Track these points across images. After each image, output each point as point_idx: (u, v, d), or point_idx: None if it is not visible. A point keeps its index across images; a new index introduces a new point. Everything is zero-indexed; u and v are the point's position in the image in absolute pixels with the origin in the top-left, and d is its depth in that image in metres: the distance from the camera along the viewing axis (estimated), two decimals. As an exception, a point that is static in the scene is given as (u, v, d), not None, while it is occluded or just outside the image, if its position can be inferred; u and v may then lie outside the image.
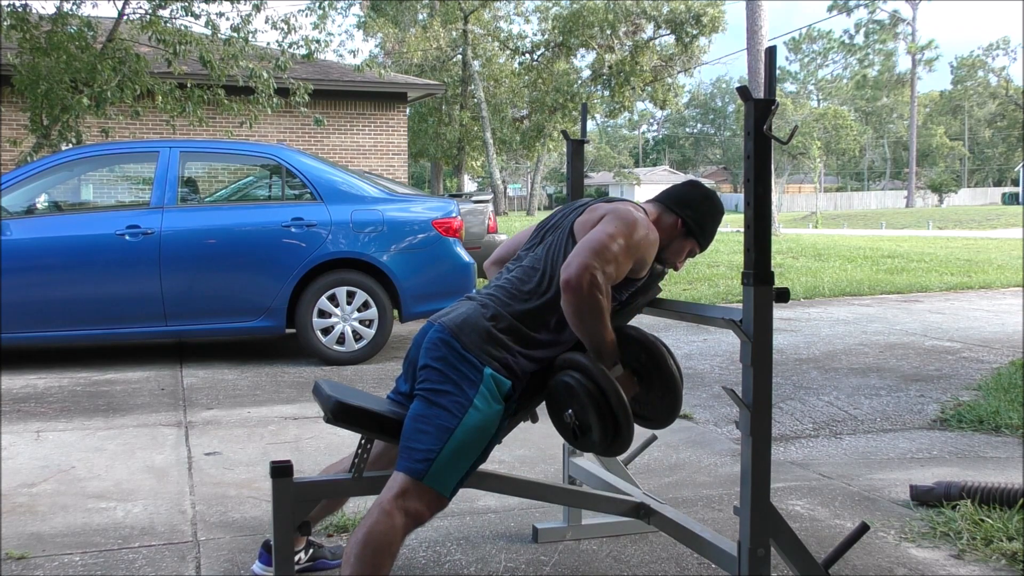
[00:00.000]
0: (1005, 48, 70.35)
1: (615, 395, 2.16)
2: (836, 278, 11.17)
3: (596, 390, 2.18)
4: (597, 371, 2.18)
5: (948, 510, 3.05)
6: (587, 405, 2.19)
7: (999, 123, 70.81)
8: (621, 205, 2.37)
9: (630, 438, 2.21)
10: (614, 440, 2.21)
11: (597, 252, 2.19)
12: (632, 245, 2.27)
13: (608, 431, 2.20)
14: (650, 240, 2.33)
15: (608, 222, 2.28)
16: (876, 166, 78.75)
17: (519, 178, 67.98)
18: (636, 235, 2.28)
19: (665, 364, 2.33)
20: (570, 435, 2.29)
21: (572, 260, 2.19)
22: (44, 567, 2.71)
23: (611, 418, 2.18)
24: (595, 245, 2.21)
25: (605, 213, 2.32)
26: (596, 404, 2.18)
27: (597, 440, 2.23)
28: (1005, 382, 5.10)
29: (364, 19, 37.36)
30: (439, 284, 6.20)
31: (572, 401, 2.23)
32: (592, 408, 2.18)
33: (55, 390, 5.25)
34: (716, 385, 5.30)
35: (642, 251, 2.31)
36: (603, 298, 2.19)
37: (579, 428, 2.24)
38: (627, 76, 35.39)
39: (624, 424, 2.18)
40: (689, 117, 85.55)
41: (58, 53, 8.78)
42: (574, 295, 2.17)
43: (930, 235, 25.51)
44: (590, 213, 2.36)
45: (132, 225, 5.80)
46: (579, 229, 2.33)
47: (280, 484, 2.17)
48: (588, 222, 2.33)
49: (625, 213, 2.31)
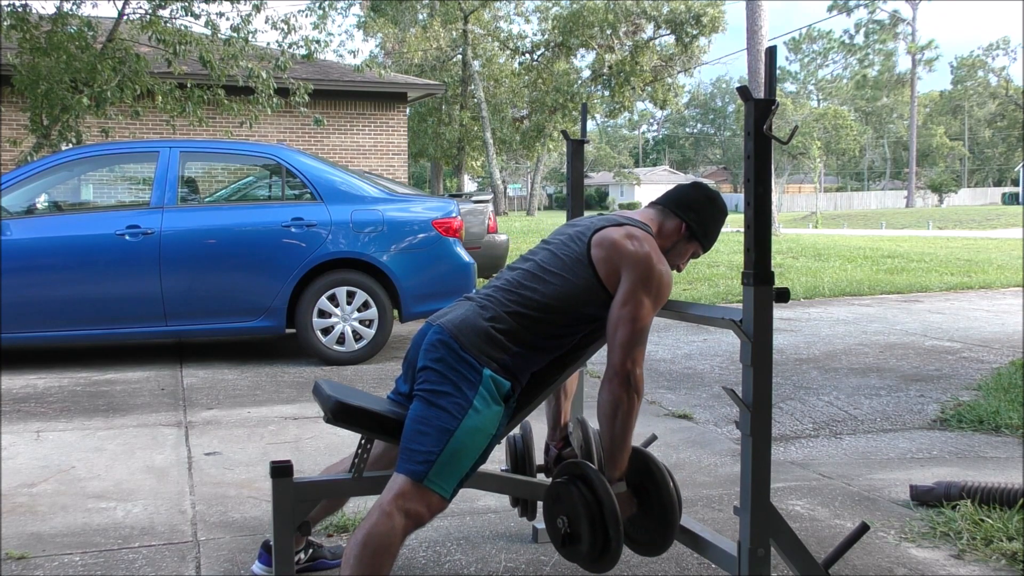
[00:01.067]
0: (1005, 48, 70.41)
1: (612, 515, 2.16)
2: (836, 278, 11.17)
3: (595, 505, 2.18)
4: (601, 488, 2.19)
5: (948, 510, 3.05)
6: (582, 517, 2.19)
7: (999, 123, 70.81)
8: (638, 249, 2.28)
9: (616, 559, 2.20)
10: (600, 557, 2.21)
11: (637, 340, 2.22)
12: (658, 302, 2.29)
13: (596, 547, 2.20)
14: (667, 283, 2.32)
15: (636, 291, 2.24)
16: (876, 166, 78.74)
17: (519, 178, 67.98)
18: (661, 292, 2.29)
19: (667, 493, 2.33)
20: (558, 541, 2.29)
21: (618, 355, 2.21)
22: (44, 567, 2.71)
23: (602, 536, 2.18)
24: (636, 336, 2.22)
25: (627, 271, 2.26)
26: (591, 519, 2.18)
27: (584, 552, 2.22)
28: (1005, 382, 5.10)
29: (364, 19, 37.39)
30: (439, 284, 6.20)
31: (568, 509, 2.24)
32: (586, 522, 2.18)
33: (55, 390, 5.25)
34: (716, 385, 5.30)
35: (664, 298, 2.33)
36: (640, 401, 2.25)
37: (568, 537, 2.24)
38: (627, 76, 35.39)
39: (614, 545, 2.17)
40: (689, 117, 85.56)
41: (58, 53, 8.79)
42: (619, 392, 2.21)
43: (930, 235, 25.52)
44: (609, 251, 2.28)
45: (132, 225, 5.79)
46: (600, 266, 2.27)
47: (280, 484, 2.17)
48: (609, 264, 2.27)
49: (646, 266, 2.26)
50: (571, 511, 2.23)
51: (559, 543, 2.29)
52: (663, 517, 2.35)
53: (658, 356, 6.28)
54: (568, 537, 2.25)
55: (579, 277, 2.29)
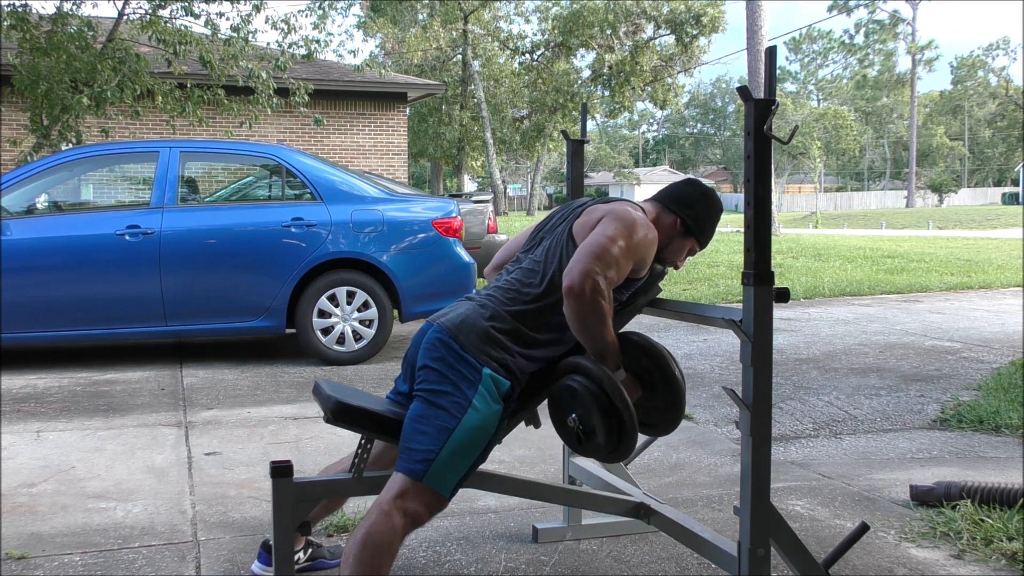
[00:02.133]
0: (1005, 48, 70.38)
1: (619, 397, 2.15)
2: (836, 278, 11.17)
3: (600, 393, 2.17)
4: (601, 374, 2.17)
5: (948, 510, 3.05)
6: (591, 408, 2.17)
7: (999, 123, 70.80)
8: (619, 206, 2.36)
9: (635, 442, 2.20)
10: (619, 443, 2.20)
11: (598, 256, 2.19)
12: (632, 246, 2.26)
13: (613, 434, 2.18)
14: (649, 240, 2.32)
15: (607, 224, 2.27)
16: (876, 166, 78.74)
17: (519, 178, 67.98)
18: (636, 236, 2.28)
19: (668, 369, 2.33)
20: (574, 440, 2.27)
21: (574, 266, 2.18)
22: (44, 567, 2.71)
23: (616, 421, 2.17)
24: (596, 249, 2.20)
25: (603, 215, 2.31)
26: (600, 407, 2.16)
27: (602, 444, 2.21)
28: (1005, 382, 5.10)
29: (364, 19, 37.40)
30: (439, 284, 6.20)
31: (575, 405, 2.22)
32: (596, 411, 2.17)
33: (55, 390, 5.25)
34: (716, 385, 5.30)
35: (642, 252, 2.31)
36: (605, 303, 2.18)
37: (583, 432, 2.22)
38: (627, 76, 35.39)
39: (629, 427, 2.16)
40: (689, 117, 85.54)
41: (58, 53, 8.78)
42: (577, 301, 2.16)
43: (930, 235, 25.51)
44: (588, 215, 2.35)
45: (132, 225, 5.79)
46: (578, 231, 2.32)
47: (280, 484, 2.17)
48: (587, 224, 2.32)
49: (623, 214, 2.30)
50: (579, 406, 2.21)
51: (575, 442, 2.27)
52: (669, 393, 2.34)
53: (658, 356, 6.27)
54: (583, 433, 2.23)
55: (567, 257, 2.29)
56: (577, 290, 2.15)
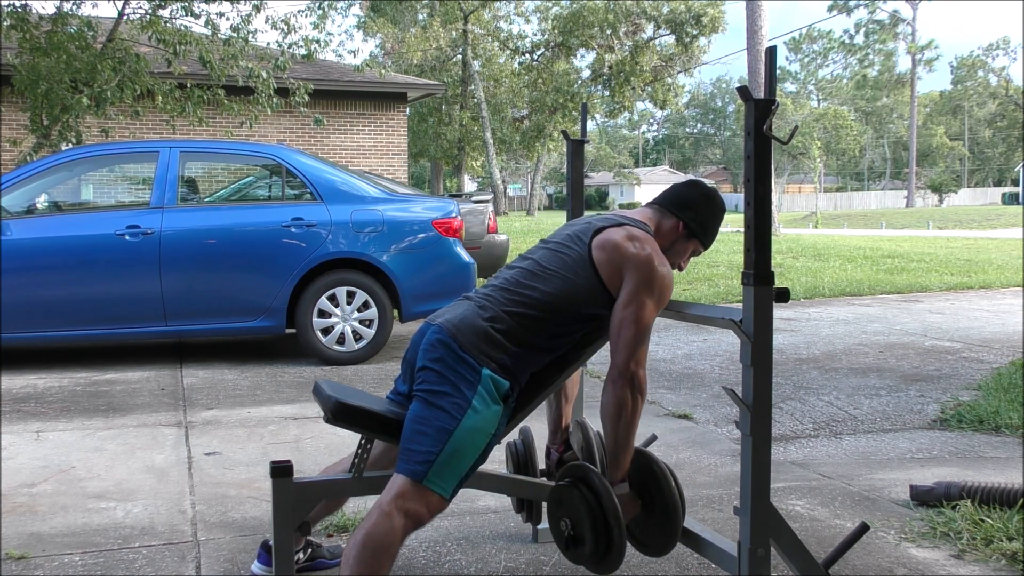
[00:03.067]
0: (1005, 48, 70.41)
1: (614, 517, 2.17)
2: (836, 278, 11.17)
3: (597, 508, 2.19)
4: (603, 492, 2.19)
5: (948, 510, 3.05)
6: (584, 519, 2.20)
7: (999, 123, 70.81)
8: (641, 252, 2.28)
9: (620, 561, 2.21)
10: (604, 558, 2.22)
11: (640, 341, 2.23)
12: (660, 302, 2.30)
13: (600, 549, 2.20)
14: (668, 284, 2.32)
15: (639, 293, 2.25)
16: (876, 166, 78.73)
17: (519, 178, 67.97)
18: (663, 293, 2.29)
19: (671, 497, 2.34)
20: (562, 543, 2.30)
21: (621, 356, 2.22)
22: (44, 567, 2.71)
23: (605, 538, 2.19)
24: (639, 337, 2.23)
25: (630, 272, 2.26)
26: (593, 521, 2.19)
27: (588, 554, 2.23)
28: (1005, 382, 5.10)
29: (364, 19, 37.39)
30: (439, 284, 6.20)
31: (571, 512, 2.25)
32: (588, 523, 2.19)
33: (55, 390, 5.25)
34: (716, 385, 5.30)
35: (666, 299, 2.33)
36: (643, 402, 2.26)
37: (572, 539, 2.25)
38: (627, 76, 35.40)
39: (616, 547, 2.18)
40: (689, 117, 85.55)
41: (58, 53, 8.78)
42: (622, 393, 2.22)
43: (930, 235, 25.51)
44: (612, 253, 2.28)
45: (132, 225, 5.79)
46: (602, 266, 2.28)
47: (280, 484, 2.17)
48: (611, 265, 2.27)
49: (648, 268, 2.26)
50: (574, 514, 2.24)
51: (563, 546, 2.30)
52: (666, 518, 2.35)
53: (658, 356, 6.28)
54: (572, 540, 2.26)
55: (581, 277, 2.29)
56: (623, 383, 2.21)
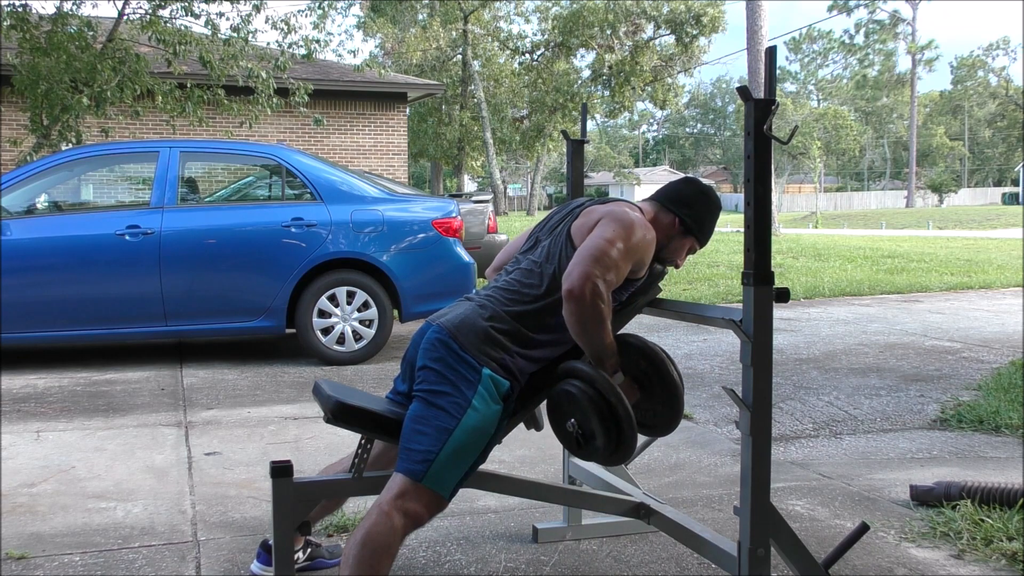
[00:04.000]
0: (1005, 48, 70.41)
1: (618, 401, 2.15)
2: (836, 278, 11.17)
3: (598, 397, 2.17)
4: (599, 378, 2.17)
5: (948, 510, 3.05)
6: (590, 412, 2.18)
7: (999, 123, 70.81)
8: (617, 207, 2.36)
9: (634, 444, 2.20)
10: (618, 447, 2.20)
11: (597, 259, 2.19)
12: (631, 248, 2.26)
13: (612, 438, 2.18)
14: (648, 240, 2.32)
15: (605, 226, 2.26)
16: (876, 166, 78.73)
17: (519, 178, 67.97)
18: (634, 237, 2.27)
19: (666, 371, 2.33)
20: (573, 444, 2.27)
21: (573, 269, 2.18)
22: (44, 567, 2.71)
23: (614, 424, 2.17)
24: (595, 252, 2.20)
25: (601, 216, 2.31)
26: (599, 411, 2.16)
27: (601, 447, 2.21)
28: (1005, 382, 5.10)
29: (364, 19, 37.40)
30: (439, 284, 6.20)
31: (574, 410, 2.22)
32: (595, 415, 2.17)
33: (55, 390, 5.25)
34: (716, 385, 5.30)
35: (640, 252, 2.31)
36: (605, 306, 2.19)
37: (582, 436, 2.23)
38: (627, 76, 35.39)
39: (628, 430, 2.16)
40: (689, 117, 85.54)
41: (58, 53, 8.78)
42: (577, 304, 2.16)
43: (930, 235, 25.52)
44: (586, 216, 2.35)
45: (132, 225, 5.79)
46: (576, 233, 2.32)
47: (280, 484, 2.17)
48: (585, 226, 2.31)
49: (621, 215, 2.30)
50: (577, 411, 2.21)
51: (574, 446, 2.27)
52: (668, 394, 2.34)
53: (658, 356, 6.27)
54: (582, 437, 2.23)
55: (565, 259, 2.29)
56: (576, 293, 2.15)
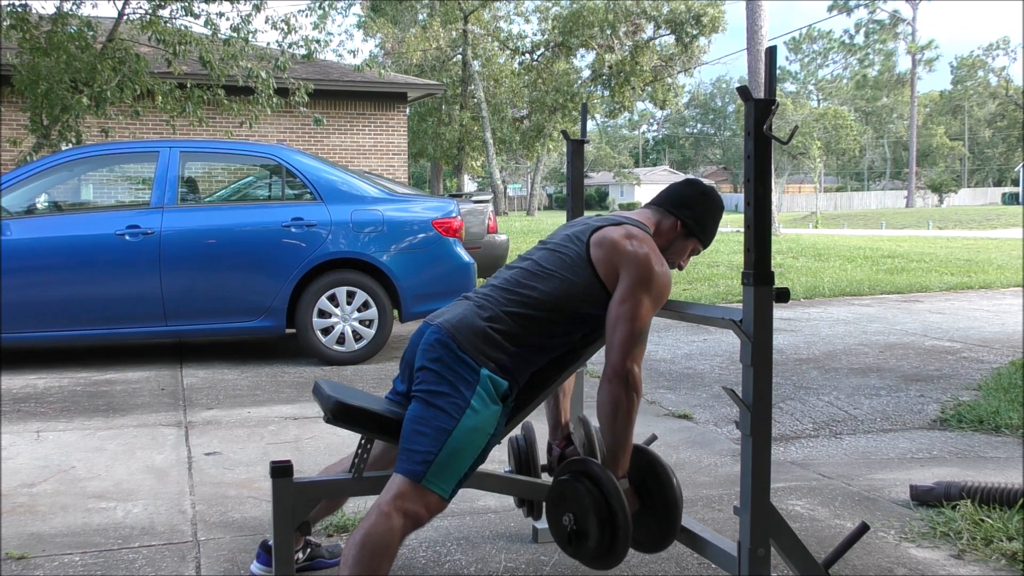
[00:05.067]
0: (1005, 48, 70.46)
1: (620, 508, 2.16)
2: (836, 278, 11.17)
3: (601, 500, 2.18)
4: (609, 485, 2.18)
5: (948, 510, 3.05)
6: (589, 512, 2.19)
7: (999, 123, 70.82)
8: (637, 248, 2.28)
9: (623, 555, 2.20)
10: (608, 553, 2.20)
11: (636, 339, 2.21)
12: (658, 302, 2.28)
13: (604, 543, 2.19)
14: (666, 282, 2.31)
15: (635, 291, 2.24)
16: (876, 166, 78.73)
17: (519, 178, 67.97)
18: (661, 292, 2.28)
19: (670, 491, 2.33)
20: (564, 540, 2.28)
21: (618, 354, 2.20)
22: (44, 567, 2.71)
23: (610, 531, 2.18)
24: (635, 335, 2.21)
25: (626, 268, 2.26)
26: (599, 514, 2.17)
27: (591, 549, 2.21)
28: (1005, 382, 5.10)
29: (364, 19, 37.40)
30: (439, 284, 6.20)
31: (575, 507, 2.23)
32: (594, 517, 2.18)
33: (55, 390, 5.25)
34: (716, 385, 5.30)
35: (664, 298, 2.32)
36: (639, 399, 2.24)
37: (575, 533, 2.24)
38: (627, 76, 35.39)
39: (622, 539, 2.17)
40: (689, 117, 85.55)
41: (58, 53, 8.78)
42: (618, 391, 2.20)
43: (930, 235, 25.51)
44: (609, 251, 2.28)
45: (132, 225, 5.79)
46: (600, 264, 2.28)
47: (280, 484, 2.17)
48: (607, 263, 2.27)
49: (645, 266, 2.26)
50: (577, 508, 2.22)
51: (565, 541, 2.28)
52: (665, 514, 2.35)
53: (658, 356, 6.28)
54: (575, 535, 2.24)
55: (579, 276, 2.29)
56: (620, 380, 2.20)
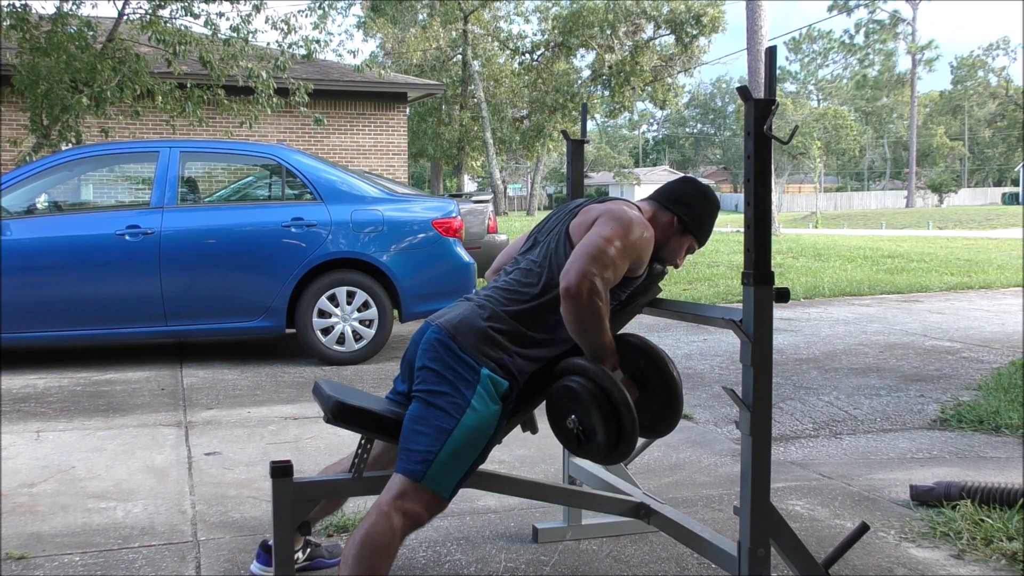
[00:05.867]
0: (1005, 48, 70.48)
1: (619, 395, 2.14)
2: (836, 278, 11.17)
3: (599, 392, 2.16)
4: (600, 373, 2.17)
5: (948, 510, 3.05)
6: (590, 408, 2.17)
7: (999, 123, 70.84)
8: (615, 205, 2.36)
9: (635, 442, 2.19)
10: (618, 443, 2.19)
11: (594, 257, 2.18)
12: (628, 246, 2.26)
13: (612, 434, 2.18)
14: (646, 238, 2.32)
15: (603, 224, 2.26)
16: (876, 166, 78.73)
17: (519, 178, 67.98)
18: (632, 235, 2.27)
19: (665, 369, 2.33)
20: (573, 442, 2.26)
21: (570, 267, 2.18)
22: (44, 567, 2.71)
23: (615, 420, 2.16)
24: (592, 250, 2.20)
25: (599, 215, 2.31)
26: (600, 406, 2.16)
27: (601, 444, 2.20)
28: (1005, 382, 5.10)
29: (364, 19, 37.40)
30: (439, 284, 6.20)
31: (575, 405, 2.21)
32: (596, 410, 2.16)
33: (55, 390, 5.25)
34: (716, 385, 5.30)
35: (638, 251, 2.31)
36: (602, 304, 2.18)
37: (583, 433, 2.21)
38: (627, 76, 35.39)
39: (629, 426, 2.16)
40: (689, 117, 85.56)
41: (58, 53, 8.78)
42: (574, 302, 2.16)
43: (930, 235, 25.52)
44: (584, 215, 2.35)
45: (132, 225, 5.79)
46: (575, 231, 2.32)
47: (280, 484, 2.17)
48: (583, 224, 2.32)
49: (619, 213, 2.30)
50: (579, 407, 2.21)
51: (574, 443, 2.27)
52: (666, 394, 2.34)
53: (658, 356, 6.27)
54: (582, 434, 2.22)
55: (562, 257, 2.29)
56: (574, 291, 2.15)
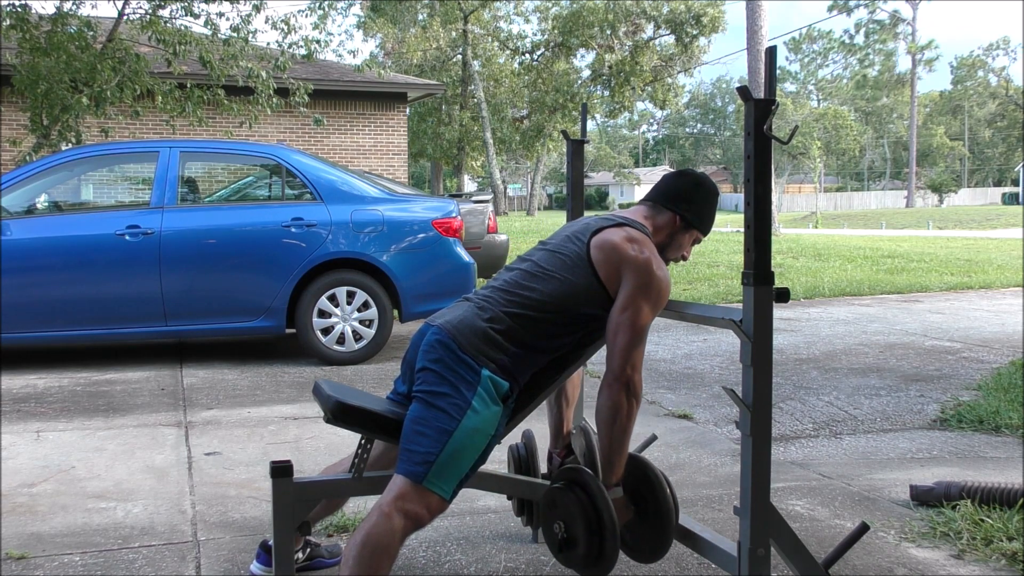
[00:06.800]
0: (1005, 48, 70.54)
1: (609, 521, 2.18)
2: (836, 278, 11.17)
3: (592, 510, 2.20)
4: (599, 495, 2.20)
5: (948, 510, 3.05)
6: (579, 522, 2.21)
7: (999, 123, 70.85)
8: (639, 255, 2.28)
9: (612, 564, 2.21)
10: (597, 562, 2.22)
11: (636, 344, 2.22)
12: (657, 306, 2.29)
13: (592, 553, 2.21)
14: (666, 287, 2.31)
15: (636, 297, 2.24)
16: (876, 166, 78.73)
17: (519, 178, 67.99)
18: (660, 297, 2.28)
19: (664, 502, 2.34)
20: (555, 546, 2.30)
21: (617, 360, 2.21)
22: (44, 567, 2.71)
23: (598, 542, 2.19)
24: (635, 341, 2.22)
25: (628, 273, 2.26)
26: (587, 523, 2.19)
27: (581, 556, 2.23)
28: (1005, 382, 5.10)
29: (364, 19, 37.40)
30: (439, 284, 6.20)
31: (565, 514, 2.25)
32: (582, 527, 2.20)
33: (55, 390, 5.25)
34: (716, 385, 5.30)
35: (663, 302, 2.32)
36: (638, 406, 2.25)
37: (565, 541, 2.26)
38: (627, 76, 35.40)
39: (610, 551, 2.18)
40: (689, 117, 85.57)
41: (58, 53, 8.79)
42: (618, 397, 2.21)
43: (930, 235, 25.52)
44: (609, 252, 2.28)
45: (132, 225, 5.79)
46: (600, 266, 2.28)
47: (280, 484, 2.17)
48: (609, 265, 2.27)
49: (646, 271, 2.26)
50: (567, 516, 2.24)
51: (556, 548, 2.30)
52: (659, 524, 2.35)
53: (658, 356, 6.28)
54: (565, 542, 2.26)
55: (579, 277, 2.28)
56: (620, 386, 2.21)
